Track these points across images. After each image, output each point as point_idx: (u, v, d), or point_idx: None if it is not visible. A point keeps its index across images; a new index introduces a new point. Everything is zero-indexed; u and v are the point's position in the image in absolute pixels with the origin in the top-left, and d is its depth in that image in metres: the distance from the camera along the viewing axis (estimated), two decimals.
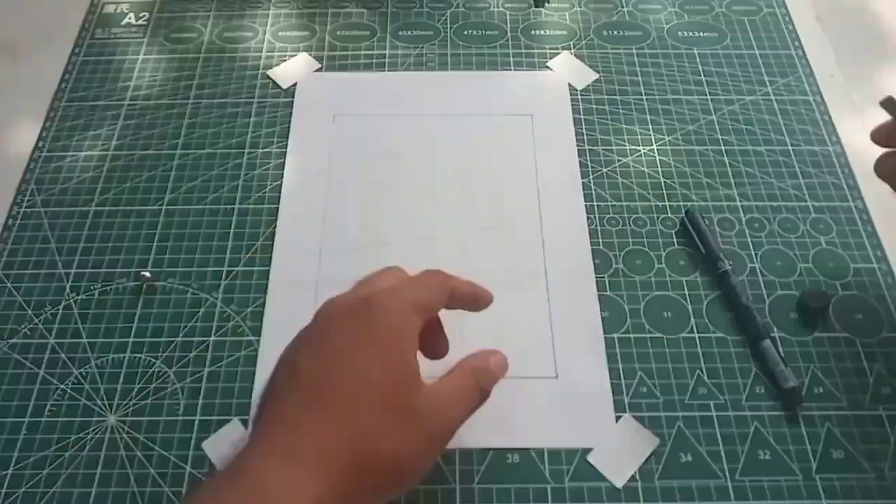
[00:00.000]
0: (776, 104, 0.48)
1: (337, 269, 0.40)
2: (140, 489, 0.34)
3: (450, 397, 0.28)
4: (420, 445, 0.26)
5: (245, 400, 0.36)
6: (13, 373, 0.37)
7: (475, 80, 0.49)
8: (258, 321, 0.39)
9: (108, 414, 0.36)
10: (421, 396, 0.27)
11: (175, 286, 0.40)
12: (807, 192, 0.44)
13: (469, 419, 0.29)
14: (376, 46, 0.51)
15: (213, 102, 0.48)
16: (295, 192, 0.44)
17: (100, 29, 0.52)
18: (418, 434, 0.26)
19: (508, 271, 0.40)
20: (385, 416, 0.26)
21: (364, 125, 0.47)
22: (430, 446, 0.27)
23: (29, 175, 0.45)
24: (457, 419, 0.28)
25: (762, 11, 0.53)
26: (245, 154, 0.45)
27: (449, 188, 0.44)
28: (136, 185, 0.44)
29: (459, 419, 0.28)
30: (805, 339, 0.38)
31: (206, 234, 0.42)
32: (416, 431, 0.26)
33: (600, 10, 0.53)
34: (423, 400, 0.27)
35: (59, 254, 0.41)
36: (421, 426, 0.26)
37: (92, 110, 0.48)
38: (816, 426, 0.35)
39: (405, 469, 0.26)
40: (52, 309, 0.39)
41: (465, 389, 0.29)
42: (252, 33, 0.52)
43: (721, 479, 0.34)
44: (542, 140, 0.46)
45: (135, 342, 0.38)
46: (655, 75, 0.49)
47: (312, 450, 0.24)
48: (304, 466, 0.24)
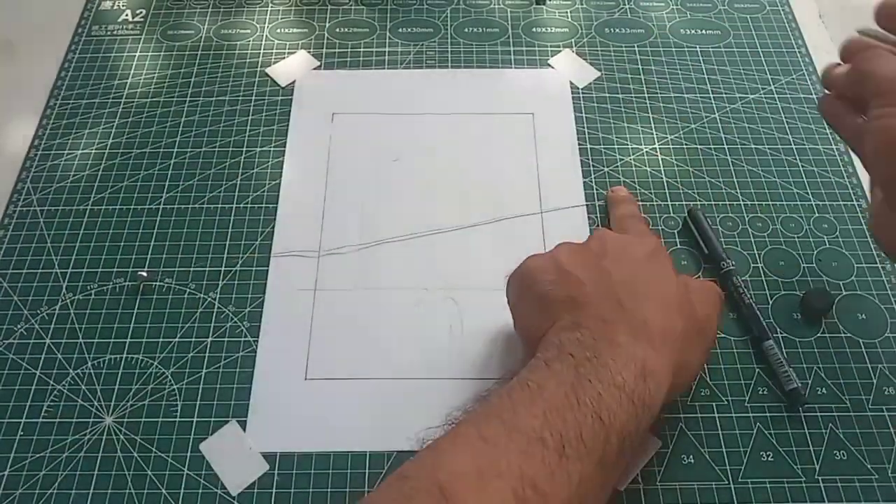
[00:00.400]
0: (779, 102, 0.47)
1: (336, 268, 0.40)
2: (137, 491, 0.33)
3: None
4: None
5: (244, 401, 0.36)
6: (9, 373, 0.37)
7: (475, 78, 0.49)
8: (256, 321, 0.38)
9: (105, 415, 0.35)
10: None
11: (172, 286, 0.39)
12: (810, 192, 0.43)
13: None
14: (376, 44, 0.50)
15: (210, 100, 0.47)
16: (294, 190, 0.43)
17: (96, 26, 0.52)
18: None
19: (509, 271, 0.40)
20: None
21: (363, 123, 0.46)
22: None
23: (25, 173, 0.44)
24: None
25: (765, 9, 0.53)
26: (243, 153, 0.45)
27: (449, 187, 0.43)
28: (133, 183, 0.44)
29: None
30: (808, 340, 0.38)
31: (203, 234, 0.41)
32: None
33: (602, 8, 0.53)
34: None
35: (55, 253, 0.41)
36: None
37: (88, 108, 0.47)
38: (819, 427, 0.35)
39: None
40: (48, 309, 0.39)
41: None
42: (250, 30, 0.51)
43: (723, 481, 0.34)
44: (543, 138, 0.45)
45: (132, 342, 0.38)
46: (657, 73, 0.49)
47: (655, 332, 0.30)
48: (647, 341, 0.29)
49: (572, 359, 0.28)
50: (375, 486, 0.26)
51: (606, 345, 0.29)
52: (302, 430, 0.35)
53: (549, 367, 0.28)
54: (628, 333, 0.29)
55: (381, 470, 0.34)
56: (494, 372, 0.36)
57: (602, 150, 0.45)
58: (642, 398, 0.28)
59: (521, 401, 0.27)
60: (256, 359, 0.37)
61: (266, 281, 0.40)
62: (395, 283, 0.40)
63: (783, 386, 0.36)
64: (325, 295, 0.39)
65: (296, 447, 0.34)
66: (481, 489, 0.24)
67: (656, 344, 0.29)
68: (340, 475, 0.34)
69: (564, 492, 0.25)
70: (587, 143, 0.45)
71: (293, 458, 0.34)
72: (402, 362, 0.37)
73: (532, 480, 0.24)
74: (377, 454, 0.34)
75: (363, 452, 0.34)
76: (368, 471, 0.34)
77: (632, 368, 0.28)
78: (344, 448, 0.34)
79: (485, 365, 0.37)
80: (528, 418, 0.26)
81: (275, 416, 0.35)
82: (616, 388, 0.27)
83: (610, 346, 0.28)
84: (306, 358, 0.37)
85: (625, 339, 0.29)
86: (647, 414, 0.28)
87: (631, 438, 0.27)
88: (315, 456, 0.34)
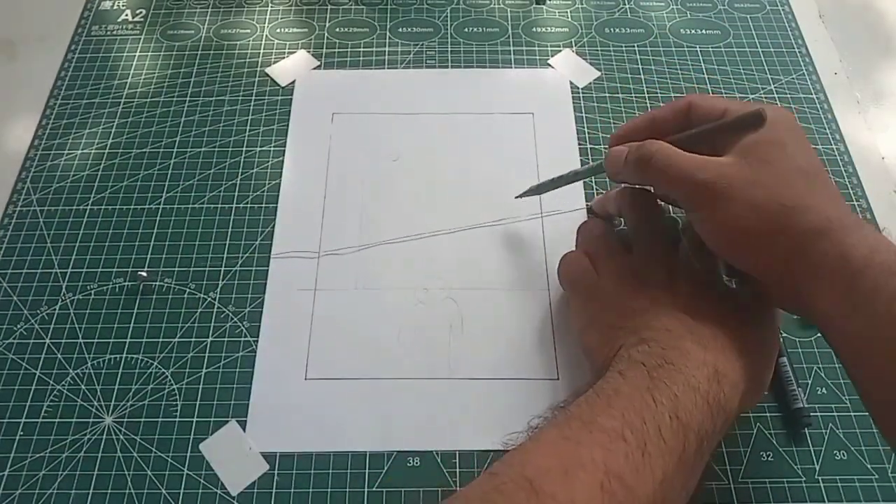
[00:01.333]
0: (779, 102, 0.47)
1: (336, 268, 0.40)
2: (137, 491, 0.33)
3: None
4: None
5: (244, 401, 0.36)
6: (9, 373, 0.37)
7: (475, 77, 0.49)
8: (256, 321, 0.38)
9: (104, 415, 0.35)
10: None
11: (172, 286, 0.39)
12: None
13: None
14: (376, 43, 0.50)
15: (210, 100, 0.47)
16: (293, 190, 0.43)
17: (96, 26, 0.52)
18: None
19: (509, 271, 0.40)
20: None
21: (363, 123, 0.46)
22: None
23: (25, 173, 0.44)
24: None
25: (765, 9, 0.53)
26: (243, 152, 0.45)
27: (449, 187, 0.43)
28: (133, 183, 0.44)
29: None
30: (808, 340, 0.38)
31: (203, 234, 0.41)
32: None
33: (602, 8, 0.53)
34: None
35: (55, 253, 0.41)
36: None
37: (88, 108, 0.47)
38: (819, 427, 0.35)
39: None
40: (48, 309, 0.39)
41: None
42: (250, 30, 0.51)
43: (724, 481, 0.34)
44: (544, 138, 0.45)
45: (131, 342, 0.38)
46: (658, 73, 0.49)
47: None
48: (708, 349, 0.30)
49: (644, 366, 0.29)
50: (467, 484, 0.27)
51: (676, 353, 0.29)
52: (302, 430, 0.35)
53: (623, 375, 0.29)
54: (695, 342, 0.29)
55: (380, 470, 0.34)
56: (495, 372, 0.36)
57: (602, 150, 0.45)
58: (717, 399, 0.28)
59: (599, 405, 0.28)
60: (256, 359, 0.37)
61: (266, 281, 0.40)
62: (395, 283, 0.40)
63: (789, 404, 0.35)
64: (325, 295, 0.39)
65: (296, 447, 0.34)
66: (568, 482, 0.25)
67: (727, 352, 0.30)
68: (340, 475, 0.34)
69: (649, 487, 0.25)
70: (587, 143, 0.45)
71: (293, 458, 0.34)
72: (402, 362, 0.37)
73: (617, 474, 0.25)
74: (377, 454, 0.34)
75: (363, 452, 0.34)
76: (368, 471, 0.34)
77: (704, 372, 0.28)
78: (344, 448, 0.34)
79: (485, 365, 0.37)
80: (607, 419, 0.27)
81: (275, 416, 0.35)
82: (691, 389, 0.28)
83: (679, 353, 0.29)
84: (306, 358, 0.37)
85: (693, 347, 0.29)
86: (723, 416, 0.28)
87: (709, 439, 0.28)
88: (315, 456, 0.34)
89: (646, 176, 0.32)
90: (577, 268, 0.36)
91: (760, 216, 0.29)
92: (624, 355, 0.30)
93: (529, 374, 0.36)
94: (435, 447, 0.34)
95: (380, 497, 0.33)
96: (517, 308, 0.39)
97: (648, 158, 0.31)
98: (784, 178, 0.29)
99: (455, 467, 0.34)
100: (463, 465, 0.34)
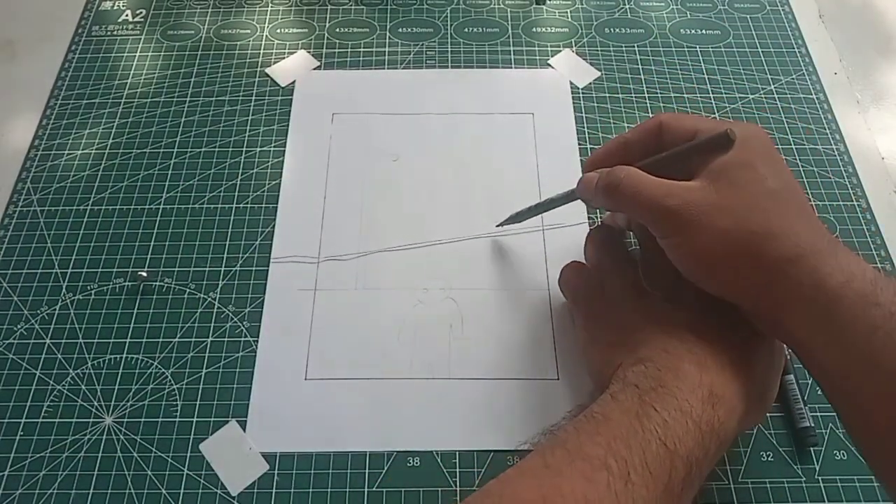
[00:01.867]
0: (779, 102, 0.47)
1: (335, 268, 0.40)
2: (137, 491, 0.33)
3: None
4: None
5: (244, 401, 0.36)
6: (9, 373, 0.37)
7: (475, 77, 0.49)
8: (256, 322, 0.38)
9: (104, 415, 0.35)
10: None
11: (172, 286, 0.39)
12: (810, 192, 0.43)
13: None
14: (376, 44, 0.50)
15: (210, 100, 0.47)
16: (294, 191, 0.43)
17: (96, 26, 0.52)
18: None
19: (509, 271, 0.40)
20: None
21: (363, 123, 0.46)
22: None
23: (25, 173, 0.44)
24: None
25: (765, 9, 0.53)
26: (243, 153, 0.45)
27: (449, 187, 0.43)
28: (133, 183, 0.44)
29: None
30: None
31: (203, 234, 0.41)
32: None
33: (602, 8, 0.53)
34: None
35: (55, 253, 0.41)
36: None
37: (88, 108, 0.47)
38: (819, 427, 0.35)
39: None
40: (48, 309, 0.39)
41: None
42: (250, 30, 0.51)
43: (724, 481, 0.34)
44: (544, 138, 0.45)
45: (131, 342, 0.38)
46: (657, 73, 0.49)
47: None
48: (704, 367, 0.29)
49: (637, 389, 0.28)
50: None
51: (671, 374, 0.28)
52: (302, 430, 0.35)
53: (615, 398, 0.28)
54: (693, 362, 0.29)
55: (380, 470, 0.34)
56: (494, 372, 0.36)
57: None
58: (710, 424, 0.27)
59: (586, 431, 0.27)
60: (256, 359, 0.37)
61: (266, 281, 0.40)
62: (395, 283, 0.40)
63: (795, 423, 0.35)
64: (325, 295, 0.39)
65: (296, 447, 0.34)
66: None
67: (726, 372, 0.29)
68: (340, 475, 0.34)
69: None
70: (587, 143, 0.45)
71: (293, 458, 0.34)
72: (402, 362, 0.37)
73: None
74: (377, 454, 0.34)
75: (363, 452, 0.34)
76: (368, 471, 0.34)
77: (699, 395, 0.27)
78: (344, 448, 0.34)
79: (484, 365, 0.37)
80: (592, 447, 0.26)
81: (275, 416, 0.35)
82: (682, 413, 0.27)
83: (675, 375, 0.28)
84: (306, 358, 0.37)
85: (690, 368, 0.28)
86: (716, 441, 0.27)
87: (699, 466, 0.27)
88: (315, 456, 0.34)
89: (614, 203, 0.32)
90: (579, 281, 0.36)
91: (729, 244, 0.28)
92: (620, 376, 0.30)
93: (529, 375, 0.36)
94: (435, 447, 0.34)
95: (380, 497, 0.33)
96: (517, 308, 0.39)
97: (616, 185, 0.31)
98: (753, 202, 0.28)
99: (455, 467, 0.34)
100: (463, 465, 0.34)
